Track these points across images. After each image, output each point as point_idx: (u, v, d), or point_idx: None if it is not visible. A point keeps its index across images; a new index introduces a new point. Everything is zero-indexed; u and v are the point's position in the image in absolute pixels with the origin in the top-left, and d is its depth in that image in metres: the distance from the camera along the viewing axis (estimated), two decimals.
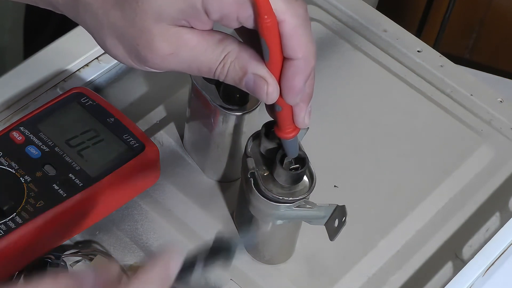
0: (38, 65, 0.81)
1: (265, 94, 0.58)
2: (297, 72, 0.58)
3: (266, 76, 0.58)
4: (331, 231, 0.68)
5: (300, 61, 0.57)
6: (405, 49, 0.89)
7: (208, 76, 0.59)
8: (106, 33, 0.59)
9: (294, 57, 0.57)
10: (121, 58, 0.60)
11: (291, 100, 0.59)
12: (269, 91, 0.58)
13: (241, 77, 0.59)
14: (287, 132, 0.63)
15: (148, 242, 0.74)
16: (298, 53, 0.57)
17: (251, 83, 0.58)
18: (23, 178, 0.70)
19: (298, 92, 0.59)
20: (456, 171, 0.81)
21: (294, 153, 0.66)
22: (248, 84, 0.59)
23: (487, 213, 0.79)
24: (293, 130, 0.63)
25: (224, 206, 0.77)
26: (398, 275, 0.75)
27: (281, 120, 0.62)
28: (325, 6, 0.92)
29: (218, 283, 0.72)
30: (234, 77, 0.59)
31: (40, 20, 1.26)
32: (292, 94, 0.59)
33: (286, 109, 0.61)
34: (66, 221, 0.69)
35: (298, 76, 0.58)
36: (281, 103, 0.60)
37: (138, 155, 0.72)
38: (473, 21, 1.48)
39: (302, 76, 0.58)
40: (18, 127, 0.73)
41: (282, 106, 0.60)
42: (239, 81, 0.59)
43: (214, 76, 0.59)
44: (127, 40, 0.58)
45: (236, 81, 0.59)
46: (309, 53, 0.57)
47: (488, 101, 0.86)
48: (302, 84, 0.58)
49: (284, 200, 0.67)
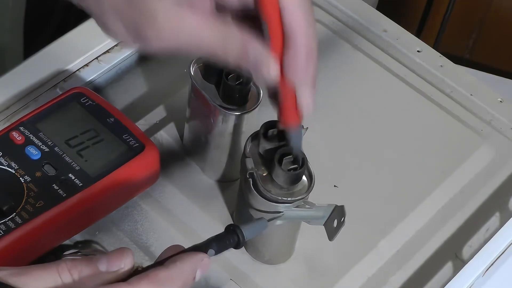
0: (38, 65, 0.81)
1: (267, 72, 0.58)
2: (298, 49, 0.58)
3: (266, 54, 0.58)
4: (330, 231, 0.68)
5: (301, 37, 0.57)
6: (405, 49, 0.89)
7: (207, 55, 0.59)
8: (106, 11, 0.59)
9: (295, 33, 0.57)
10: (121, 37, 0.60)
11: (296, 78, 0.59)
12: (270, 69, 0.58)
13: (241, 55, 0.58)
14: (292, 120, 0.63)
15: (148, 242, 0.74)
16: (298, 29, 0.57)
17: (252, 62, 0.58)
18: (23, 178, 0.70)
19: (301, 70, 0.59)
20: (456, 171, 0.81)
21: (298, 145, 0.65)
22: (248, 63, 0.58)
23: (487, 213, 0.79)
24: (297, 119, 0.62)
25: (224, 206, 0.77)
26: (398, 275, 0.75)
27: (285, 108, 0.62)
28: (325, 6, 0.92)
29: (218, 283, 0.72)
30: (235, 56, 0.58)
31: (40, 20, 1.26)
32: (295, 73, 0.59)
33: (289, 95, 0.60)
34: (66, 221, 0.69)
35: (300, 53, 0.58)
36: (285, 88, 0.60)
37: (138, 155, 0.72)
38: (473, 21, 1.48)
39: (303, 52, 0.58)
40: (18, 127, 0.73)
41: (286, 91, 0.60)
42: (239, 60, 0.59)
43: (214, 55, 0.59)
44: (128, 17, 0.58)
45: (236, 60, 0.59)
46: (310, 29, 0.57)
47: (488, 101, 0.86)
48: (304, 60, 0.58)
49: (282, 201, 0.67)
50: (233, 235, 0.59)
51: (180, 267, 0.55)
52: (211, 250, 0.57)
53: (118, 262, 0.54)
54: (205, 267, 0.56)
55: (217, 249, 0.58)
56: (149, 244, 0.74)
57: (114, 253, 0.54)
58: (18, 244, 0.67)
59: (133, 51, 0.84)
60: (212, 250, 0.58)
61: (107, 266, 0.54)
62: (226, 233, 0.59)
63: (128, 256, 0.55)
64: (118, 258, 0.54)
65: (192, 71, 0.74)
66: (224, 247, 0.59)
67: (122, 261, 0.54)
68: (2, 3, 1.09)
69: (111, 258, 0.54)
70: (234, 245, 0.59)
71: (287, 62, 0.58)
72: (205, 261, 0.56)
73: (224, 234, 0.59)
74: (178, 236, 0.74)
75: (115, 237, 0.74)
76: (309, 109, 0.62)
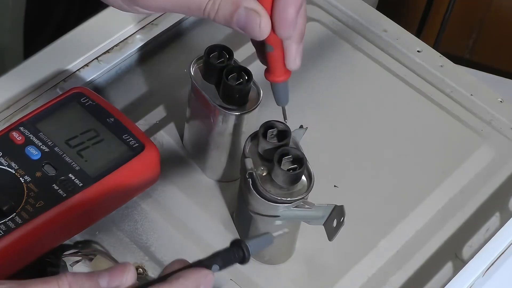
0: (38, 65, 0.81)
1: (258, 27, 0.58)
2: (289, 2, 0.58)
3: (258, 9, 0.58)
4: (330, 231, 0.68)
5: None
6: (405, 49, 0.89)
7: (197, 14, 0.59)
8: None
9: None
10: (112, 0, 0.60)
11: (285, 32, 0.59)
12: (262, 25, 0.58)
13: (232, 12, 0.58)
14: (279, 75, 0.63)
15: (148, 242, 0.74)
16: None
17: (243, 18, 0.58)
18: (23, 178, 0.70)
19: (291, 23, 0.59)
20: (456, 171, 0.81)
21: (285, 100, 0.65)
22: (239, 20, 0.58)
23: (487, 213, 0.79)
24: (284, 73, 0.63)
25: (224, 206, 0.77)
26: (398, 275, 0.75)
27: (272, 62, 0.62)
28: (325, 6, 0.92)
29: (218, 283, 0.72)
30: (225, 13, 0.58)
31: (40, 20, 1.26)
32: (285, 26, 0.59)
33: (277, 50, 0.61)
34: (66, 221, 0.69)
35: (290, 6, 0.58)
36: (273, 42, 0.60)
37: (138, 155, 0.72)
38: (473, 21, 1.48)
39: (293, 6, 0.58)
40: (18, 127, 0.73)
41: (274, 45, 0.60)
42: (229, 17, 0.59)
43: (204, 13, 0.59)
44: None
45: (227, 17, 0.59)
46: None
47: (488, 101, 0.86)
48: (295, 14, 0.58)
49: (282, 201, 0.67)
50: (238, 250, 0.57)
51: (183, 284, 0.54)
52: (215, 266, 0.56)
53: (120, 277, 0.53)
54: (208, 284, 0.55)
55: (221, 264, 0.57)
56: (149, 244, 0.74)
57: (116, 269, 0.53)
58: (18, 244, 0.67)
59: (133, 51, 0.84)
60: (217, 266, 0.56)
61: (108, 281, 0.53)
62: (231, 248, 0.57)
63: (130, 271, 0.53)
64: (120, 274, 0.53)
65: (192, 71, 0.74)
66: (229, 263, 0.57)
67: (124, 277, 0.53)
68: (2, 3, 1.09)
69: (113, 274, 0.53)
70: (239, 260, 0.57)
71: (277, 17, 0.58)
72: (208, 278, 0.55)
73: (229, 249, 0.57)
74: (178, 236, 0.74)
75: (115, 237, 0.74)
76: (296, 63, 0.62)
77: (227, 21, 0.59)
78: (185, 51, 0.86)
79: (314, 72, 0.86)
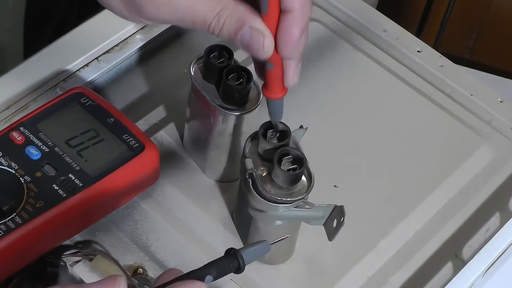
0: (38, 65, 0.81)
1: (261, 47, 0.58)
2: (294, 23, 0.58)
3: (262, 29, 0.58)
4: (330, 231, 0.68)
5: (298, 12, 0.57)
6: (405, 49, 0.89)
7: (202, 28, 0.59)
8: None
9: (292, 8, 0.57)
10: (116, 9, 0.60)
11: (288, 52, 0.59)
12: (265, 45, 0.58)
13: (237, 30, 0.58)
14: (277, 92, 0.63)
15: (148, 242, 0.74)
16: (296, 4, 0.57)
17: (247, 37, 0.58)
18: (23, 178, 0.70)
19: (295, 44, 0.59)
20: (456, 171, 0.81)
21: (279, 116, 0.65)
22: (243, 38, 0.59)
23: (487, 213, 0.79)
24: (282, 91, 0.63)
25: (224, 206, 0.77)
26: (398, 275, 0.75)
27: (271, 79, 0.62)
28: (325, 6, 0.92)
29: (218, 283, 0.72)
30: (230, 30, 0.59)
31: (40, 20, 1.26)
32: (289, 47, 0.59)
33: (277, 68, 0.61)
34: (66, 221, 0.69)
35: (295, 27, 0.58)
36: (274, 61, 0.60)
37: (138, 155, 0.72)
38: (473, 21, 1.48)
39: (298, 27, 0.58)
40: (18, 127, 0.73)
41: (274, 63, 0.60)
42: (234, 34, 0.59)
43: (209, 29, 0.59)
44: None
45: (231, 34, 0.59)
46: (306, 4, 0.58)
47: (488, 101, 0.86)
48: (299, 36, 0.58)
49: (282, 201, 0.67)
50: (233, 260, 0.56)
51: None
52: (209, 277, 0.55)
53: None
54: None
55: (215, 275, 0.55)
56: (149, 244, 0.74)
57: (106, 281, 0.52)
58: (18, 245, 0.67)
59: (133, 51, 0.84)
60: (211, 277, 0.55)
61: None
62: (226, 258, 0.56)
63: (120, 284, 0.52)
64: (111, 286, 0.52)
65: (192, 71, 0.74)
66: (224, 273, 0.56)
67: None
68: (2, 3, 1.09)
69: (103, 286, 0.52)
70: (234, 270, 0.56)
71: (281, 37, 0.59)
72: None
73: (224, 259, 0.56)
74: (178, 236, 0.74)
75: (115, 237, 0.74)
76: (294, 81, 0.62)
77: (231, 38, 0.59)
78: (185, 51, 0.86)
79: (314, 72, 0.86)
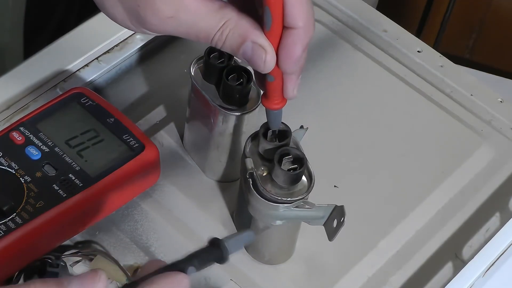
0: (38, 65, 0.81)
1: (263, 62, 0.59)
2: (297, 41, 0.58)
3: (265, 45, 0.59)
4: (330, 231, 0.68)
5: (301, 29, 0.58)
6: (405, 49, 0.89)
7: (205, 42, 0.59)
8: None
9: (295, 25, 0.58)
10: (120, 20, 0.61)
11: (289, 68, 0.60)
12: (267, 60, 0.59)
13: (239, 44, 0.59)
14: (276, 103, 0.64)
15: (148, 242, 0.74)
16: (300, 21, 0.57)
17: (249, 52, 0.59)
18: (23, 178, 0.70)
19: (297, 60, 0.59)
20: (456, 171, 0.81)
21: (277, 125, 0.66)
22: (245, 52, 0.59)
23: (487, 213, 0.79)
24: (281, 101, 0.64)
25: (224, 206, 0.77)
26: (398, 275, 0.75)
27: (271, 91, 0.63)
28: (325, 6, 0.92)
29: (218, 283, 0.72)
30: (232, 44, 0.59)
31: (40, 20, 1.26)
32: (290, 63, 0.59)
33: (278, 80, 0.61)
34: (66, 221, 0.69)
35: (298, 45, 0.58)
36: (275, 74, 0.60)
37: (138, 155, 0.72)
38: (473, 21, 1.48)
39: (301, 44, 0.58)
40: (18, 127, 0.73)
41: (275, 76, 0.61)
42: (236, 48, 0.59)
43: (212, 42, 0.59)
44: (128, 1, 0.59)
45: (234, 49, 0.59)
46: (310, 22, 0.58)
47: (488, 101, 0.86)
48: (301, 52, 0.59)
49: (282, 201, 0.67)
50: (216, 249, 0.55)
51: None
52: (191, 268, 0.54)
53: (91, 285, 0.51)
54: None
55: (198, 265, 0.54)
56: (149, 244, 0.74)
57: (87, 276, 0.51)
58: (18, 245, 0.67)
59: (133, 51, 0.84)
60: (193, 267, 0.54)
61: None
62: (208, 248, 0.55)
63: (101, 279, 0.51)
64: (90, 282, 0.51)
65: (192, 71, 0.74)
66: (206, 263, 0.55)
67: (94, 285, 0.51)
68: (2, 3, 1.09)
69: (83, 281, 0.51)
70: (217, 260, 0.55)
71: (283, 53, 0.59)
72: (184, 283, 0.52)
73: (206, 249, 0.55)
74: (178, 236, 0.74)
75: (115, 237, 0.74)
76: (294, 94, 0.63)
77: (233, 52, 0.60)
78: (185, 51, 0.86)
79: (314, 72, 0.86)
